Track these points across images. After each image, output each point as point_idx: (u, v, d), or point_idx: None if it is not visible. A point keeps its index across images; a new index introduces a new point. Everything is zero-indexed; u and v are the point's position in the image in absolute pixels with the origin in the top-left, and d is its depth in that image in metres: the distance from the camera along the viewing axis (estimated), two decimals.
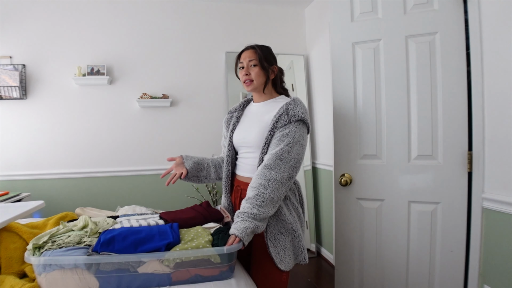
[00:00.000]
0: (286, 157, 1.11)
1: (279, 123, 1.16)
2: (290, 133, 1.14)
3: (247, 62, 1.27)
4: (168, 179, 1.32)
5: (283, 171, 1.10)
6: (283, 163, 1.11)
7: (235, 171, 1.35)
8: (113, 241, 0.95)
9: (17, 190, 2.29)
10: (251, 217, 1.04)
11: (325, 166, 2.62)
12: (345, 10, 1.56)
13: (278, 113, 1.18)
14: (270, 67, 1.30)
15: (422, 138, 1.43)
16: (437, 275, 1.44)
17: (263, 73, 1.27)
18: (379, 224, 1.54)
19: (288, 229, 1.19)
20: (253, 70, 1.26)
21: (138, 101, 2.55)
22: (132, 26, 2.60)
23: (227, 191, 1.34)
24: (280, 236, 1.17)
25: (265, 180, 1.08)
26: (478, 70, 1.29)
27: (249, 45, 1.32)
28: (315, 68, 2.82)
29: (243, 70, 1.28)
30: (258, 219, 1.05)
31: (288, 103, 1.20)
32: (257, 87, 1.28)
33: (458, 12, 1.35)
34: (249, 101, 1.43)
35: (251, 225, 1.03)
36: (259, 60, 1.26)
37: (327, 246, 2.71)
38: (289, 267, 1.19)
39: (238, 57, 1.32)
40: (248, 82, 1.27)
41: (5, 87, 2.31)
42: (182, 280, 1.00)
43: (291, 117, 1.16)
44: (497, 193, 1.24)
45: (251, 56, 1.27)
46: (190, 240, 1.02)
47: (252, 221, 1.04)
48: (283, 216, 1.18)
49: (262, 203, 1.06)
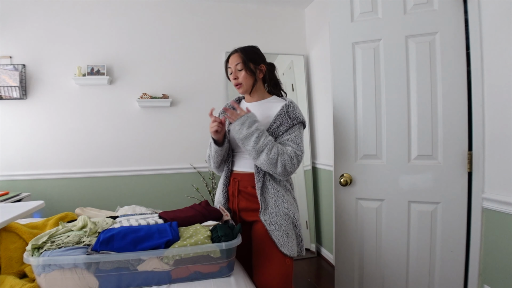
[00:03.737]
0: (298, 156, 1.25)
1: (283, 127, 1.26)
2: (296, 136, 1.26)
3: (234, 67, 1.31)
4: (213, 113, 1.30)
5: (291, 167, 1.22)
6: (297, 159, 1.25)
7: (232, 167, 1.37)
8: (112, 239, 0.95)
9: (17, 190, 2.29)
10: (257, 125, 1.20)
11: (325, 166, 2.62)
12: (345, 10, 1.56)
13: (280, 114, 1.27)
14: (257, 67, 1.33)
15: (422, 138, 1.43)
16: (437, 275, 1.44)
17: (249, 76, 1.31)
18: (379, 224, 1.54)
19: (290, 217, 1.25)
20: (240, 74, 1.30)
21: (138, 101, 2.55)
22: (132, 26, 2.60)
23: (225, 188, 1.36)
24: (283, 222, 1.23)
25: (282, 151, 1.20)
26: (478, 70, 1.29)
27: (234, 48, 1.36)
28: (315, 68, 2.82)
29: (232, 74, 1.33)
30: (256, 130, 1.18)
31: (287, 105, 1.29)
32: (247, 89, 1.33)
33: (458, 12, 1.35)
34: (241, 99, 1.47)
35: (252, 121, 1.19)
36: (243, 64, 1.29)
37: (327, 246, 2.71)
38: (292, 253, 1.22)
39: (227, 62, 1.36)
40: (238, 85, 1.32)
41: (5, 87, 2.32)
42: (181, 277, 1.00)
43: (293, 120, 1.26)
44: (497, 193, 1.24)
45: (237, 60, 1.31)
46: (189, 237, 1.02)
47: (254, 124, 1.19)
48: (286, 204, 1.25)
49: (265, 140, 1.18)
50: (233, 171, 1.36)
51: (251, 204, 1.29)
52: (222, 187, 1.37)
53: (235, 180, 1.33)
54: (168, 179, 2.66)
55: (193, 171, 2.69)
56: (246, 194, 1.31)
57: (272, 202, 1.24)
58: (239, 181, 1.32)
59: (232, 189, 1.34)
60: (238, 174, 1.34)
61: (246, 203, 1.31)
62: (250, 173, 1.30)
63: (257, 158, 1.20)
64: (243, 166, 1.33)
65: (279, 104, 1.33)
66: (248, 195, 1.30)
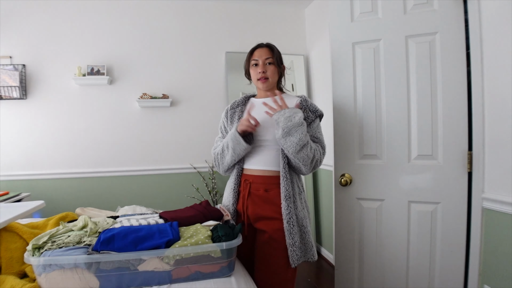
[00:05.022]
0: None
1: (306, 121, 1.25)
2: (319, 132, 1.29)
3: (263, 60, 1.29)
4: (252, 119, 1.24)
5: (320, 162, 1.26)
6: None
7: (243, 166, 1.32)
8: (113, 239, 0.95)
9: (17, 190, 2.29)
10: (302, 127, 1.15)
11: (325, 166, 2.62)
12: (345, 10, 1.56)
13: (301, 108, 1.26)
14: (281, 66, 1.35)
15: (422, 138, 1.43)
16: (437, 275, 1.44)
17: (277, 72, 1.32)
18: (379, 224, 1.54)
19: (298, 225, 1.20)
20: (269, 68, 1.29)
21: (138, 101, 2.55)
22: (132, 26, 2.60)
23: (236, 188, 1.31)
24: (294, 229, 1.18)
25: (319, 150, 1.23)
26: (478, 70, 1.30)
27: (263, 43, 1.35)
28: (315, 68, 2.82)
29: (258, 67, 1.30)
30: (297, 130, 1.14)
31: (304, 99, 1.30)
32: (271, 85, 1.32)
33: (458, 12, 1.35)
34: (249, 97, 1.44)
35: (298, 121, 1.15)
36: (275, 59, 1.30)
37: (327, 246, 2.71)
38: (296, 263, 1.18)
39: (251, 54, 1.33)
40: (264, 79, 1.29)
41: (5, 87, 2.32)
42: (182, 277, 1.00)
43: (314, 113, 1.27)
44: (497, 193, 1.24)
45: (268, 54, 1.30)
46: (190, 237, 1.02)
47: (301, 126, 1.15)
48: (295, 211, 1.20)
49: (306, 145, 1.16)
50: (244, 169, 1.32)
51: (259, 210, 1.24)
52: (232, 186, 1.32)
53: (246, 183, 1.28)
54: (168, 179, 2.66)
55: (193, 171, 2.69)
56: (256, 198, 1.25)
57: (284, 210, 1.19)
58: (250, 183, 1.27)
59: (243, 193, 1.29)
60: (249, 176, 1.29)
61: (253, 208, 1.26)
62: (263, 174, 1.26)
63: (298, 152, 1.15)
64: (257, 164, 1.28)
65: (293, 99, 1.32)
66: (258, 199, 1.25)
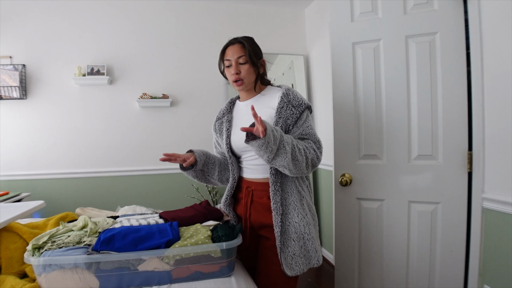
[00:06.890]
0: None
1: (290, 119, 1.10)
2: (308, 127, 1.11)
3: (235, 59, 1.14)
4: (168, 154, 1.15)
5: (318, 162, 1.10)
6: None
7: (242, 175, 1.25)
8: (113, 239, 0.95)
9: (17, 190, 2.29)
10: (280, 138, 0.98)
11: (325, 166, 2.62)
12: (345, 10, 1.56)
13: (282, 107, 1.10)
14: (259, 62, 1.18)
15: (422, 138, 1.43)
16: (437, 275, 1.44)
17: (253, 70, 1.15)
18: (379, 224, 1.54)
19: (298, 235, 1.11)
20: (243, 67, 1.13)
21: (138, 101, 2.55)
22: (132, 26, 2.60)
23: (234, 194, 1.26)
24: (290, 242, 1.11)
25: (309, 150, 1.06)
26: (478, 70, 1.29)
27: (234, 38, 1.18)
28: (315, 68, 2.82)
29: (231, 68, 1.15)
30: (280, 142, 0.98)
31: (285, 94, 1.12)
32: (248, 86, 1.17)
33: (458, 12, 1.35)
34: (234, 100, 1.33)
35: (278, 135, 0.96)
36: (248, 56, 1.13)
37: (327, 246, 2.71)
38: (297, 273, 1.12)
39: (223, 53, 1.18)
40: (240, 82, 1.14)
41: (5, 87, 2.31)
42: (182, 277, 1.00)
43: (297, 108, 1.09)
44: (497, 193, 1.24)
45: (239, 51, 1.14)
46: (190, 237, 1.02)
47: (279, 138, 0.97)
48: (293, 221, 1.12)
49: (293, 148, 1.00)
50: (243, 178, 1.23)
51: (262, 218, 1.18)
52: (229, 192, 1.24)
53: (249, 190, 1.20)
54: (168, 179, 2.66)
55: None
56: (259, 206, 1.18)
57: (285, 218, 1.12)
58: (252, 190, 1.19)
59: (245, 200, 1.21)
60: (251, 183, 1.20)
61: (256, 216, 1.19)
62: (264, 182, 1.16)
63: (293, 162, 1.02)
64: (255, 173, 1.18)
65: (276, 93, 1.17)
66: (261, 207, 1.17)
